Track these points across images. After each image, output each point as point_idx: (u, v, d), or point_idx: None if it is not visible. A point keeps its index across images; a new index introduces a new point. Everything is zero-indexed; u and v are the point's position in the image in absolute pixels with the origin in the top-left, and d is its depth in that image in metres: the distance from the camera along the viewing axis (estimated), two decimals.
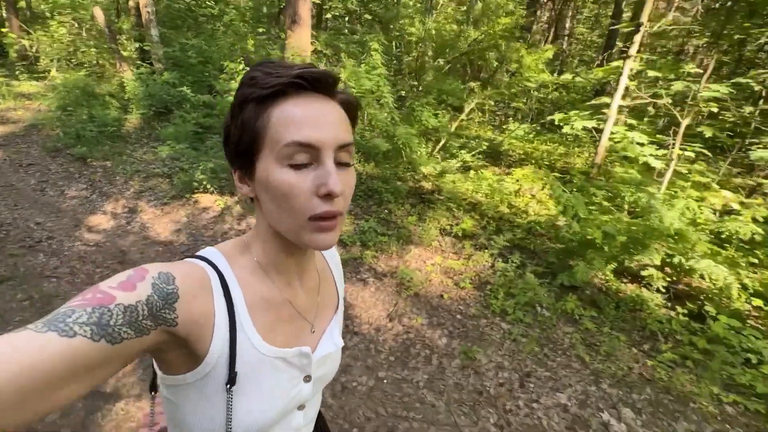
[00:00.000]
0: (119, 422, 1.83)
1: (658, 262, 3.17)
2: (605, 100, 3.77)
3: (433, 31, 7.19)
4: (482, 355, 2.49)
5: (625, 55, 3.20)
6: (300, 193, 0.45)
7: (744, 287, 2.91)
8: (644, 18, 3.16)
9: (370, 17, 10.03)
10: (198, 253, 0.53)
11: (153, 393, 0.60)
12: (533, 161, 5.91)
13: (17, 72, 9.14)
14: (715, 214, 3.26)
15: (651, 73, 3.40)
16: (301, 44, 6.44)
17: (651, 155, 3.65)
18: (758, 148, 3.92)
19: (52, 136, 5.48)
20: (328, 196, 0.46)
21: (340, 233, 0.49)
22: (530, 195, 4.78)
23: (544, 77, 6.28)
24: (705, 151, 3.87)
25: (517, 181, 4.80)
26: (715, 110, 3.47)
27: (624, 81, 3.27)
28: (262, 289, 0.54)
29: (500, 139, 6.11)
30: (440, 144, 5.80)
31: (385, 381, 2.24)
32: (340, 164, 0.48)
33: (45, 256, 2.94)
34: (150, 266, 0.44)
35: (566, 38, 12.17)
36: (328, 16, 11.17)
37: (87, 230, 3.43)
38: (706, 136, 3.60)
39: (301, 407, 0.61)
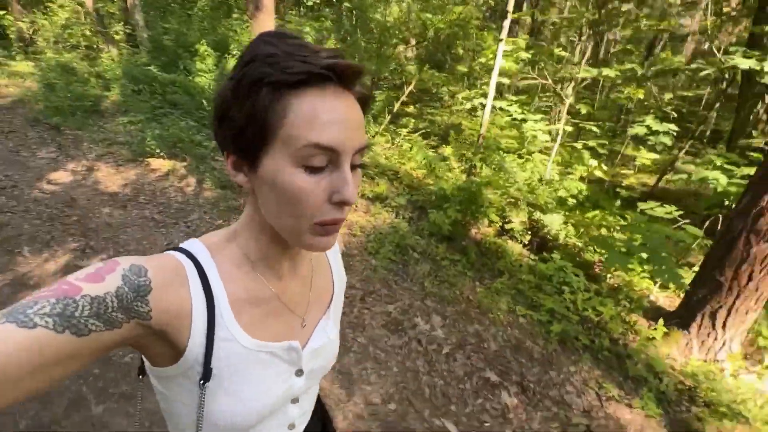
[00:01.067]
0: None
1: (522, 218, 3.74)
2: (502, 80, 4.29)
3: (395, 18, 7.67)
4: None
5: (500, 39, 3.70)
6: (311, 199, 0.43)
7: (577, 233, 3.47)
8: (509, 7, 3.65)
9: (348, 5, 10.49)
10: (181, 245, 0.51)
11: (140, 377, 0.59)
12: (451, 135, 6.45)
13: (14, 52, 9.82)
14: (560, 176, 3.81)
15: (523, 55, 3.90)
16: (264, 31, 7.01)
17: (539, 130, 4.19)
18: (637, 124, 4.43)
19: (34, 109, 6.15)
20: (341, 204, 0.44)
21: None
22: (451, 166, 5.35)
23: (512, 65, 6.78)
24: (594, 127, 4.40)
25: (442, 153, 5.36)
26: (585, 90, 3.97)
27: (499, 62, 3.77)
28: (248, 282, 0.52)
29: (439, 117, 6.66)
30: (386, 120, 6.36)
31: None
32: (353, 166, 0.45)
33: (6, 198, 3.61)
34: (122, 259, 0.43)
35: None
36: (309, 3, 11.64)
37: (47, 182, 4.11)
38: (582, 112, 4.12)
39: (294, 400, 0.60)
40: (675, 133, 4.15)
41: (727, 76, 5.68)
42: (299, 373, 0.58)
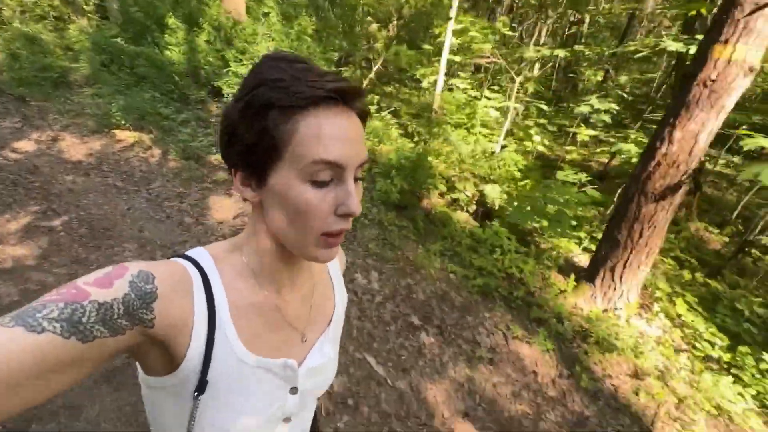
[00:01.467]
0: None
1: (471, 189, 4.03)
2: (454, 58, 4.50)
3: None
4: None
5: (450, 17, 3.89)
6: (319, 212, 0.45)
7: (511, 202, 3.79)
8: None
9: None
10: (186, 253, 0.52)
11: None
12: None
13: None
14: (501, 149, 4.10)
15: (471, 33, 4.12)
16: (236, 7, 7.03)
17: (491, 107, 4.45)
18: (583, 104, 4.72)
19: None
20: (346, 215, 0.46)
21: None
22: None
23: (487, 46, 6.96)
24: (544, 106, 4.67)
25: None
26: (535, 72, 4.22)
27: (448, 40, 3.98)
28: (250, 294, 0.52)
29: (415, 98, 6.85)
30: None
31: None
32: (355, 179, 0.48)
33: None
34: (130, 264, 0.44)
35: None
36: None
37: (11, 151, 4.21)
38: (530, 91, 4.38)
39: (287, 419, 0.59)
40: (615, 113, 4.45)
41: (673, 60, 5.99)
42: (293, 391, 0.57)
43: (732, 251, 4.11)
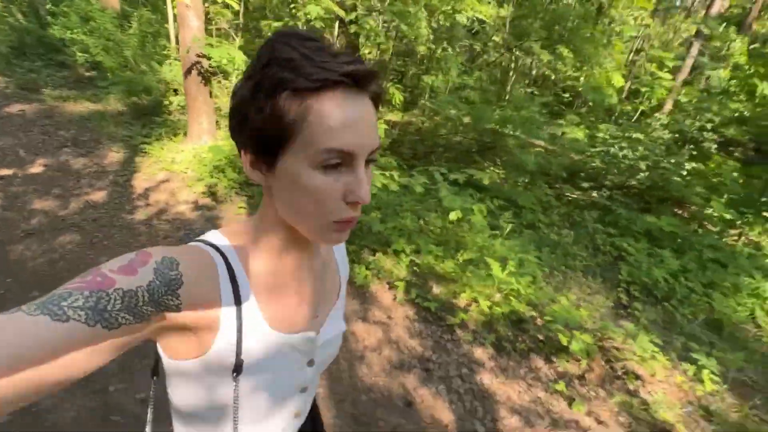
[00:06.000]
0: None
1: None
2: None
3: None
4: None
5: None
6: (328, 199, 0.45)
7: None
8: None
9: None
10: (202, 237, 0.53)
11: (154, 377, 0.59)
12: None
13: None
14: None
15: None
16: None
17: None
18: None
19: None
20: (356, 203, 0.46)
21: None
22: None
23: None
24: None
25: None
26: None
27: None
28: (267, 275, 0.53)
29: None
30: None
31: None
32: (367, 162, 0.46)
33: None
34: (154, 250, 0.44)
35: None
36: None
37: None
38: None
39: (303, 390, 0.62)
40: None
41: None
42: (311, 363, 0.60)
43: None
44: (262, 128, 0.44)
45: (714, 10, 9.67)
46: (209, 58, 4.13)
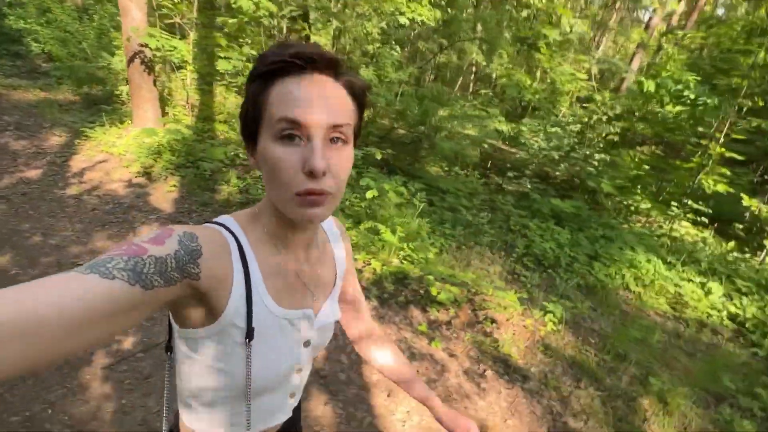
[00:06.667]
0: None
1: None
2: None
3: None
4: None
5: None
6: (287, 168, 0.49)
7: None
8: None
9: None
10: (215, 220, 0.58)
11: (169, 353, 0.63)
12: None
13: None
14: None
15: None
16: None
17: None
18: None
19: None
20: (312, 174, 0.48)
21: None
22: None
23: None
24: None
25: None
26: None
27: None
28: (270, 257, 0.58)
29: None
30: None
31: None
32: (334, 141, 0.50)
33: None
34: (175, 227, 0.50)
35: None
36: None
37: None
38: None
39: (299, 370, 0.66)
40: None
41: None
42: (307, 344, 0.65)
43: None
44: (245, 114, 0.53)
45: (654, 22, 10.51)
46: (151, 48, 4.39)
